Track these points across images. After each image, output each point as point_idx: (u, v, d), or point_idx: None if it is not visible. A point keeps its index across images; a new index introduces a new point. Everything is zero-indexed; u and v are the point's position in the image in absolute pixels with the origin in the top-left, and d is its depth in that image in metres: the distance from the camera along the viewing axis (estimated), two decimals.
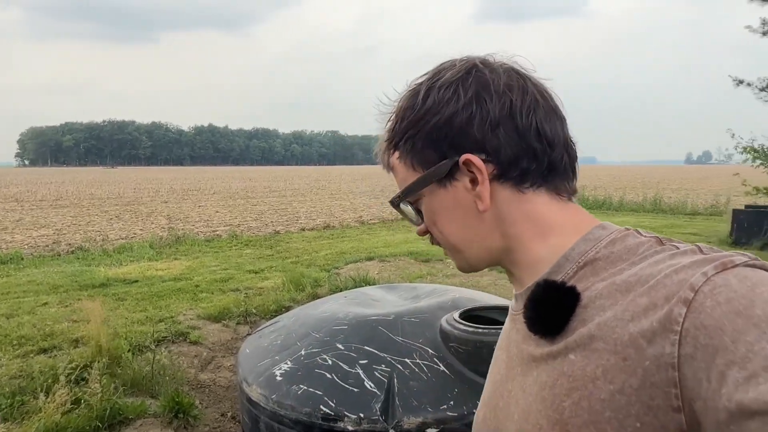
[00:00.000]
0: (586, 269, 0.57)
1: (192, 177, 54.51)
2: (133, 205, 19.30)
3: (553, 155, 0.60)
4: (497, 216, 0.61)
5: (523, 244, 0.62)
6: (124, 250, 8.66)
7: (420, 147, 0.62)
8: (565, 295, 0.55)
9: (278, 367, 2.72)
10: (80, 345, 3.94)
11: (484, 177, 0.59)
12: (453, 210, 0.63)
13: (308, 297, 5.52)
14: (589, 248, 0.58)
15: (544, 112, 0.60)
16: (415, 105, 0.62)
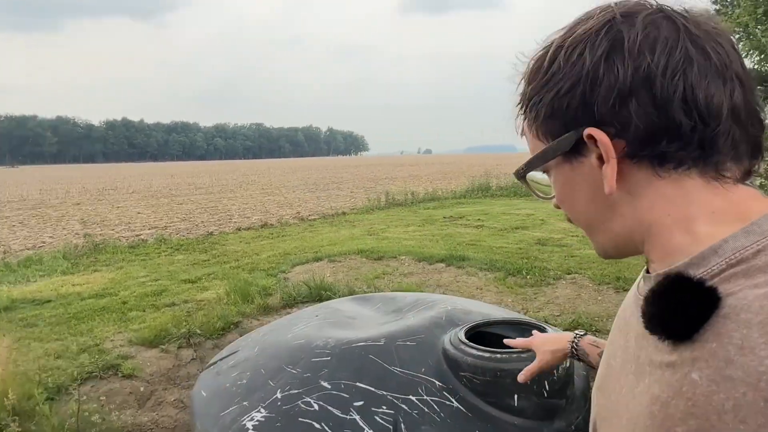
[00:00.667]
0: (737, 268, 0.45)
1: (106, 175, 50.64)
2: (39, 208, 17.35)
3: (707, 130, 0.48)
4: (628, 199, 0.53)
5: (659, 232, 0.52)
6: (32, 263, 7.51)
7: (544, 116, 0.55)
8: (701, 296, 0.45)
9: (249, 417, 2.16)
10: None
11: (610, 155, 0.51)
12: (579, 189, 0.56)
13: (258, 309, 4.91)
14: (749, 243, 0.46)
15: (701, 73, 0.47)
16: (541, 68, 0.55)
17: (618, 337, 0.61)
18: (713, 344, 0.44)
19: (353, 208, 14.38)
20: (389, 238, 8.89)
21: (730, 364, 0.42)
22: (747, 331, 0.42)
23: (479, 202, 15.06)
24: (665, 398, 0.47)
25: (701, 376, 0.44)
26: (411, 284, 5.75)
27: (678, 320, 0.47)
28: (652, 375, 0.50)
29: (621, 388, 0.56)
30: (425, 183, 23.99)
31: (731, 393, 0.42)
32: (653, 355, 0.50)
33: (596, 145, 0.52)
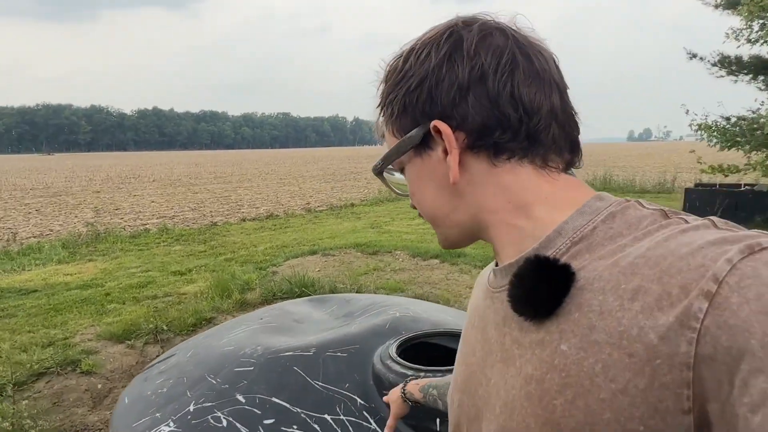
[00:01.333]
0: (581, 245, 0.51)
1: (134, 163, 51.65)
2: (60, 196, 17.69)
3: (532, 125, 0.54)
4: (470, 189, 0.57)
5: (502, 219, 0.57)
6: (32, 251, 7.58)
7: (397, 113, 0.58)
8: (558, 273, 0.49)
9: (157, 430, 2.01)
10: None
11: (453, 146, 0.55)
12: (427, 180, 0.59)
13: (235, 305, 4.79)
14: (585, 222, 0.52)
15: (525, 75, 0.54)
16: (396, 68, 0.58)
17: (474, 334, 0.62)
18: (576, 314, 0.47)
19: (364, 199, 14.20)
20: (390, 231, 8.69)
21: (593, 329, 0.45)
22: (603, 297, 0.46)
23: None
24: (539, 375, 0.48)
25: (569, 346, 0.46)
26: (398, 282, 5.55)
27: (542, 297, 0.49)
28: (522, 357, 0.51)
29: (488, 380, 0.56)
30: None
31: (599, 356, 0.44)
32: (520, 338, 0.52)
33: (441, 138, 0.55)
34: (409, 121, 0.57)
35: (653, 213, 0.50)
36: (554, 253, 0.52)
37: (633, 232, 0.49)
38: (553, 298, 0.48)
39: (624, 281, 0.45)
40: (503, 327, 0.55)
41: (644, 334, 0.42)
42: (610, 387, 0.43)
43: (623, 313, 0.44)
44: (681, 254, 0.43)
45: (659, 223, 0.49)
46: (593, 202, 0.54)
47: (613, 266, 0.47)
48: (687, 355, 0.40)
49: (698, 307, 0.40)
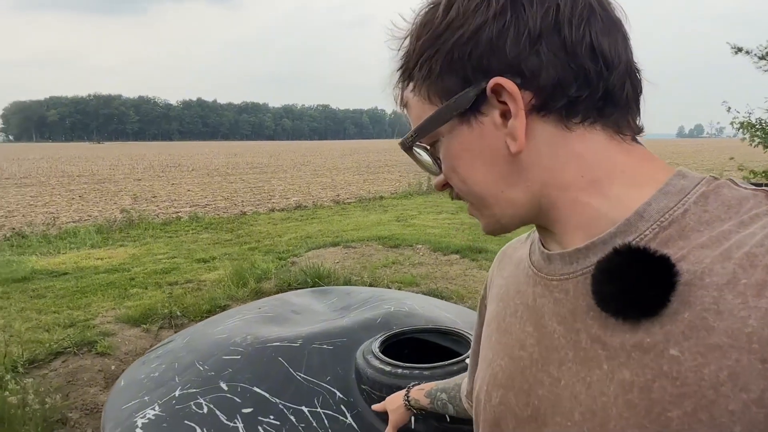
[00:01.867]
0: (670, 231, 0.44)
1: (177, 153, 53.23)
2: (104, 183, 18.42)
3: (611, 80, 0.46)
4: (537, 159, 0.48)
5: (572, 196, 0.48)
6: (68, 235, 7.92)
7: (438, 72, 0.48)
8: (657, 266, 0.42)
9: (143, 413, 2.05)
10: None
11: (519, 108, 0.46)
12: (479, 153, 0.50)
13: (250, 294, 4.87)
14: (673, 204, 0.45)
15: (602, 23, 0.46)
16: (434, 19, 0.48)
17: (519, 325, 0.55)
18: (685, 314, 0.41)
19: (393, 192, 14.18)
20: (415, 225, 8.65)
21: (712, 331, 0.40)
22: (718, 294, 0.40)
23: None
24: (643, 382, 0.42)
25: (682, 350, 0.41)
26: (414, 276, 5.51)
27: (645, 296, 0.42)
28: (613, 359, 0.45)
29: (555, 380, 0.49)
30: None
31: (723, 362, 0.39)
32: (605, 337, 0.46)
33: (499, 100, 0.47)
34: (456, 80, 0.48)
35: (756, 194, 0.44)
36: (638, 239, 0.45)
37: (735, 216, 0.43)
38: (660, 297, 0.42)
39: (743, 275, 0.40)
40: (574, 322, 0.49)
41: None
42: (741, 397, 0.38)
43: (749, 312, 0.38)
44: None
45: (766, 205, 0.43)
46: (677, 180, 0.47)
47: (725, 258, 0.41)
48: None
49: None
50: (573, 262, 0.50)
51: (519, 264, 0.60)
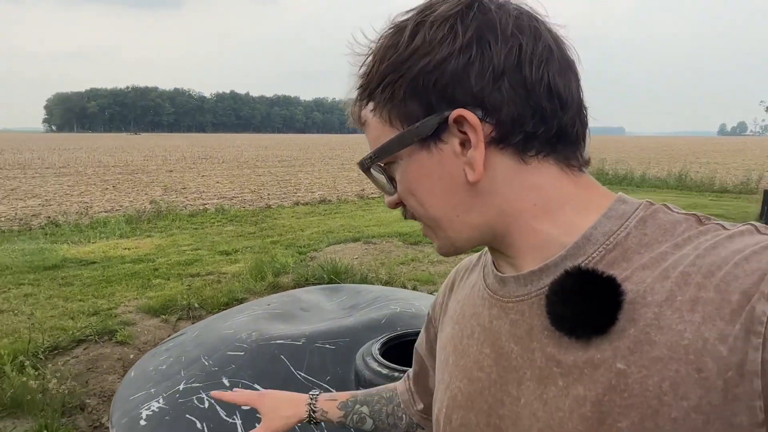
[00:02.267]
0: (615, 253, 0.48)
1: (209, 144, 54.23)
2: (136, 173, 18.93)
3: (564, 118, 0.50)
4: (493, 188, 0.50)
5: (525, 223, 0.51)
6: (99, 225, 8.17)
7: (401, 97, 0.50)
8: (605, 287, 0.45)
9: (148, 405, 2.10)
10: None
11: (479, 139, 0.48)
12: (437, 178, 0.51)
13: (268, 288, 4.93)
14: (616, 228, 0.49)
15: (559, 65, 0.50)
16: (398, 44, 0.49)
17: (476, 346, 0.57)
18: (630, 330, 0.44)
19: None
20: None
21: (654, 345, 0.43)
22: (659, 310, 0.43)
23: None
24: (595, 396, 0.45)
25: (629, 364, 0.44)
26: (432, 274, 5.48)
27: (594, 316, 0.45)
28: (567, 376, 0.47)
29: (515, 399, 0.52)
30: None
31: (664, 373, 0.42)
32: (559, 355, 0.48)
33: (459, 130, 0.49)
34: (419, 107, 0.50)
35: (687, 218, 0.48)
36: (586, 261, 0.49)
37: (670, 239, 0.47)
38: (607, 316, 0.45)
39: (679, 292, 0.43)
40: (530, 342, 0.51)
41: (711, 346, 0.40)
42: (681, 405, 0.41)
43: (684, 326, 0.42)
44: (735, 261, 0.42)
45: (696, 228, 0.47)
46: (618, 205, 0.51)
47: (663, 277, 0.44)
48: (755, 363, 0.39)
49: (761, 310, 0.39)
50: (527, 284, 0.52)
51: (473, 287, 0.62)
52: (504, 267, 0.56)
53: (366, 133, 0.56)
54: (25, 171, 19.27)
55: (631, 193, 0.58)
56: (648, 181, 15.17)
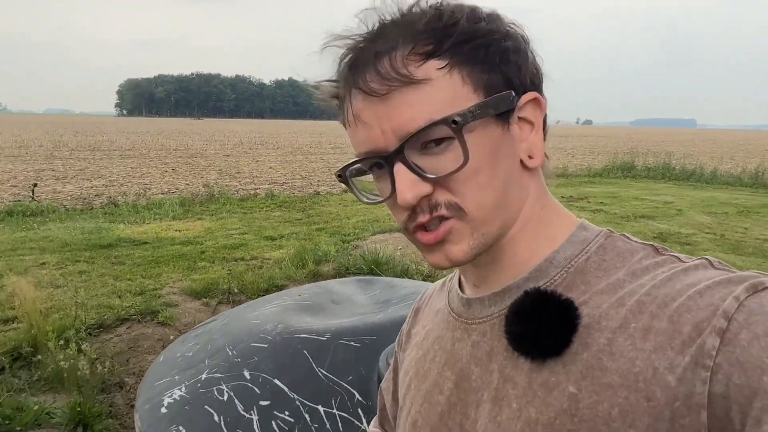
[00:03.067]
0: (576, 278, 0.50)
1: (266, 130, 55.52)
2: (195, 157, 19.59)
3: None
4: (531, 185, 0.52)
5: (526, 234, 0.52)
6: (154, 206, 8.46)
7: (491, 63, 0.48)
8: (562, 309, 0.47)
9: (170, 393, 2.09)
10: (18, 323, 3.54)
11: (539, 128, 0.51)
12: (503, 158, 0.49)
13: (308, 276, 4.91)
14: (577, 252, 0.51)
15: None
16: (478, 15, 0.49)
17: (436, 369, 0.58)
18: (584, 354, 0.45)
19: None
20: None
21: (606, 371, 0.43)
22: (612, 336, 0.44)
23: (615, 183, 13.47)
24: (546, 420, 0.45)
25: (580, 389, 0.44)
26: None
27: (548, 336, 0.46)
28: (521, 398, 0.48)
29: (471, 421, 0.52)
30: (564, 157, 22.17)
31: (614, 399, 0.42)
32: (515, 376, 0.49)
33: (523, 116, 0.50)
34: (502, 80, 0.48)
35: (644, 247, 0.50)
36: (548, 284, 0.50)
37: (627, 265, 0.48)
38: (562, 338, 0.46)
39: (633, 320, 0.44)
40: (489, 363, 0.51)
41: (660, 375, 0.41)
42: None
43: (636, 354, 0.42)
44: (689, 294, 0.43)
45: (653, 259, 0.48)
46: (579, 232, 0.52)
47: (619, 305, 0.45)
48: (702, 396, 0.39)
49: (711, 344, 0.40)
50: (491, 306, 0.53)
51: (438, 313, 0.61)
52: (469, 288, 0.56)
53: (413, 93, 0.46)
54: (95, 153, 20.37)
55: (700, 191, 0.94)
56: (719, 177, 14.17)
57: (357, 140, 0.50)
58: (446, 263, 0.50)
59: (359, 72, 0.48)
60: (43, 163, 15.78)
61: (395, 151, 0.47)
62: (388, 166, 0.48)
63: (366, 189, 0.55)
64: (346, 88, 0.50)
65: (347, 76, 0.49)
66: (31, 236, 6.37)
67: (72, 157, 18.38)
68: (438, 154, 0.47)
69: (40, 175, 12.85)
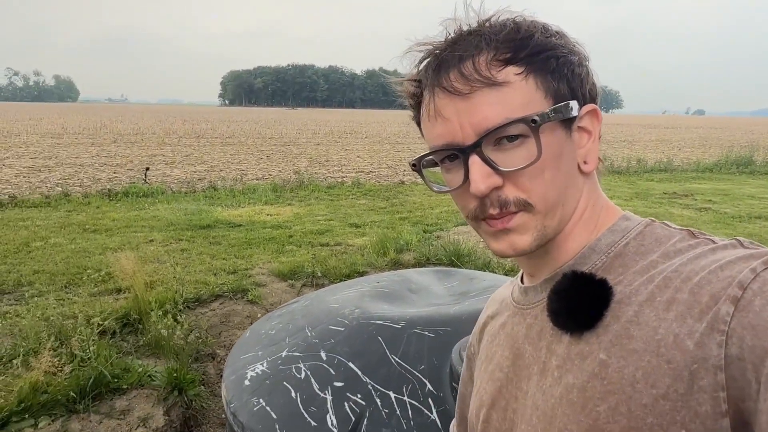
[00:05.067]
0: (615, 261, 0.55)
1: (356, 120, 56.68)
2: (288, 145, 20.47)
3: None
4: (584, 187, 0.58)
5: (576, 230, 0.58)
6: (249, 191, 8.97)
7: (561, 73, 0.54)
8: (596, 287, 0.52)
9: (253, 367, 2.23)
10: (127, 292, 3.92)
11: (596, 136, 0.57)
12: (566, 160, 0.56)
13: (389, 264, 4.97)
14: (618, 239, 0.56)
15: None
16: (549, 31, 0.55)
17: (499, 351, 0.65)
18: (614, 326, 0.50)
19: None
20: None
21: (632, 339, 0.48)
22: (639, 309, 0.49)
23: (728, 179, 12.26)
24: (581, 383, 0.50)
25: (609, 355, 0.49)
26: None
27: (583, 312, 0.52)
28: (561, 367, 0.53)
29: (524, 393, 0.58)
30: (669, 150, 20.51)
31: (639, 363, 0.47)
32: (558, 349, 0.55)
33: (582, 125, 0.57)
34: (568, 89, 0.55)
35: (681, 232, 0.54)
36: (590, 268, 0.55)
37: (662, 249, 0.52)
38: (595, 312, 0.51)
39: (659, 294, 0.48)
40: (539, 341, 0.58)
41: (680, 340, 0.45)
42: (651, 393, 0.45)
43: (659, 323, 0.47)
44: (712, 269, 0.46)
45: (688, 242, 0.52)
46: (622, 222, 0.58)
47: (648, 281, 0.50)
48: (718, 358, 0.43)
49: (726, 311, 0.43)
50: (542, 291, 0.59)
51: (502, 303, 0.69)
52: (526, 278, 0.63)
53: (491, 94, 0.52)
54: (199, 140, 21.95)
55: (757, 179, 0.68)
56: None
57: (434, 134, 0.56)
58: (510, 251, 0.56)
59: (443, 72, 0.54)
60: (155, 149, 17.28)
61: (473, 144, 0.53)
62: (464, 157, 0.53)
63: (437, 180, 0.61)
64: (428, 87, 0.56)
65: (431, 76, 0.55)
66: (142, 215, 7.02)
67: (180, 143, 19.94)
68: (510, 150, 0.53)
69: (152, 159, 14.10)
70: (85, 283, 4.22)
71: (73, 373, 2.55)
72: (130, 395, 2.67)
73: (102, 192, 8.56)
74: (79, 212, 7.20)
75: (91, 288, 4.13)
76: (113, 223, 6.56)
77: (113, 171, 11.69)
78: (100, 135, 23.10)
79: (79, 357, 2.66)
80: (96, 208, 7.48)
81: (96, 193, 8.50)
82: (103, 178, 10.45)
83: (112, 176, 10.82)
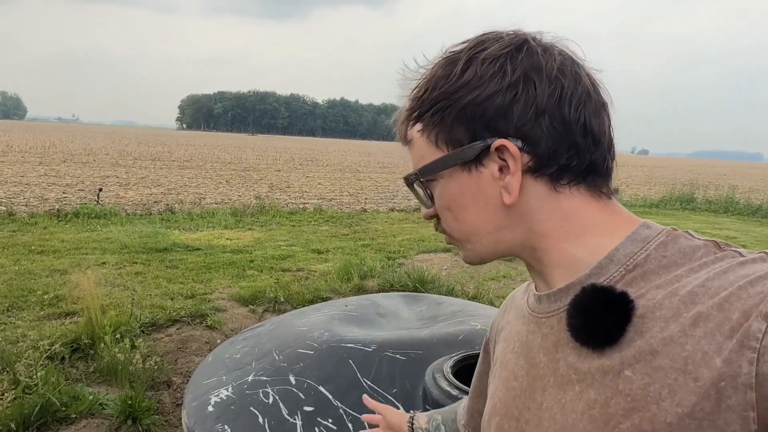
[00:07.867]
0: (635, 273, 0.53)
1: (317, 148, 56.72)
2: (248, 171, 20.21)
3: (596, 154, 0.56)
4: (525, 211, 0.57)
5: (554, 243, 0.57)
6: (208, 215, 8.76)
7: (449, 122, 0.56)
8: (618, 302, 0.51)
9: (217, 392, 2.14)
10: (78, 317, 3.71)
11: (517, 167, 0.55)
12: (474, 198, 0.58)
13: (353, 289, 4.93)
14: (637, 250, 0.54)
15: (595, 106, 0.56)
16: (451, 75, 0.56)
17: (514, 359, 0.64)
18: (638, 341, 0.49)
19: None
20: None
21: (657, 355, 0.47)
22: (664, 324, 0.48)
23: (673, 214, 12.92)
24: (604, 400, 0.49)
25: (634, 371, 0.48)
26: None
27: (606, 327, 0.50)
28: (582, 382, 0.52)
29: (539, 404, 0.57)
30: (619, 186, 21.42)
31: (664, 381, 0.46)
32: (578, 364, 0.53)
33: (500, 157, 0.55)
34: (465, 133, 0.55)
35: (706, 244, 0.51)
36: (607, 280, 0.53)
37: (687, 263, 0.50)
38: (617, 327, 0.50)
39: (684, 309, 0.47)
40: (555, 353, 0.56)
41: (708, 358, 0.44)
42: (676, 411, 0.44)
43: (686, 339, 0.45)
44: (741, 284, 0.45)
45: (714, 254, 0.50)
46: (642, 230, 0.55)
47: (672, 295, 0.48)
48: (749, 376, 0.42)
49: (757, 328, 0.42)
50: (557, 301, 0.58)
51: (519, 309, 0.68)
52: (540, 285, 0.62)
53: (410, 150, 0.61)
54: (155, 162, 21.38)
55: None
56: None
57: None
58: (464, 261, 0.64)
59: (397, 127, 0.64)
60: (108, 170, 16.69)
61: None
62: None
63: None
64: None
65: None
66: (94, 237, 6.72)
67: (135, 165, 19.36)
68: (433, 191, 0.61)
69: (105, 181, 13.60)
70: (30, 306, 3.97)
71: (16, 401, 2.36)
72: (80, 425, 2.50)
73: (50, 212, 8.15)
74: (24, 232, 6.82)
75: (36, 311, 3.89)
76: (62, 244, 6.25)
77: (62, 191, 11.19)
78: (48, 154, 22.16)
79: (24, 383, 2.48)
80: (43, 229, 7.12)
81: (43, 213, 8.09)
82: (51, 198, 9.98)
83: (61, 196, 10.35)
